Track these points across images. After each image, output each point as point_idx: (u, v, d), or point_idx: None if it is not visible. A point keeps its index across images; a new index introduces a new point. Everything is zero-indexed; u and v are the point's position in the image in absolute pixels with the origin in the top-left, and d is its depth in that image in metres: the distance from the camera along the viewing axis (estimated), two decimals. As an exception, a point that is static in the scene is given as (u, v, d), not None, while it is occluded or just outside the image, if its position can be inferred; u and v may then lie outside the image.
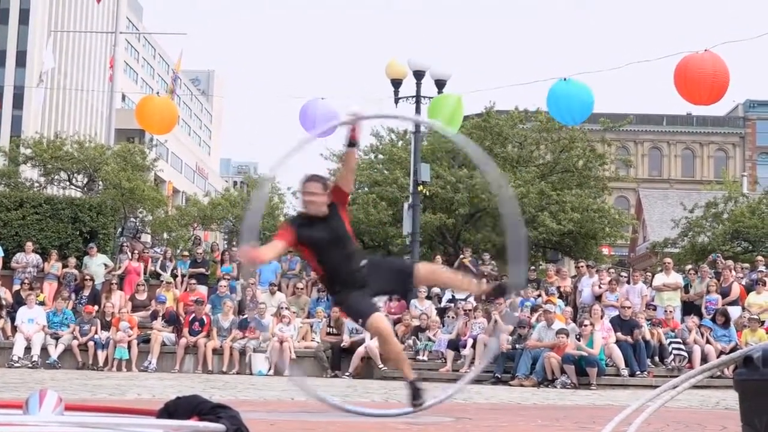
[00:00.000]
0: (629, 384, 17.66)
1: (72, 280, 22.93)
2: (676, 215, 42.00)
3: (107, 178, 32.62)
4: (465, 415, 8.90)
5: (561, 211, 30.34)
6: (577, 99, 16.68)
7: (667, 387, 4.26)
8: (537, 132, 33.50)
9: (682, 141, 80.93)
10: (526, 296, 21.62)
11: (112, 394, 11.74)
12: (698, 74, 15.13)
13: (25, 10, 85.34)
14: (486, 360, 16.80)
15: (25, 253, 23.55)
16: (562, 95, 16.73)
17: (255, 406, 9.50)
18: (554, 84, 16.95)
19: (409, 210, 23.54)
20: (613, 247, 44.07)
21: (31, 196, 27.11)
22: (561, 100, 16.79)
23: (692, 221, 38.53)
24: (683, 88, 15.40)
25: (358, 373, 19.56)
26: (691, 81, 15.28)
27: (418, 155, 23.75)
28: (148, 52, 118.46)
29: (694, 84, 15.28)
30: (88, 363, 20.44)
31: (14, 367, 19.75)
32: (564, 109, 17.00)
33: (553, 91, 16.87)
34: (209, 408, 3.56)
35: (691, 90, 15.40)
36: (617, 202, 62.66)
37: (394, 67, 23.09)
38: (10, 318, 21.42)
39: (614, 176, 39.78)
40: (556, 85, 16.87)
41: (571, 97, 16.65)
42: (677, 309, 20.74)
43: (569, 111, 17.01)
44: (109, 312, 21.13)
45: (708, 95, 15.32)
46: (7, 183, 34.70)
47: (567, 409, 11.15)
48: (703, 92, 15.25)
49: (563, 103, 16.83)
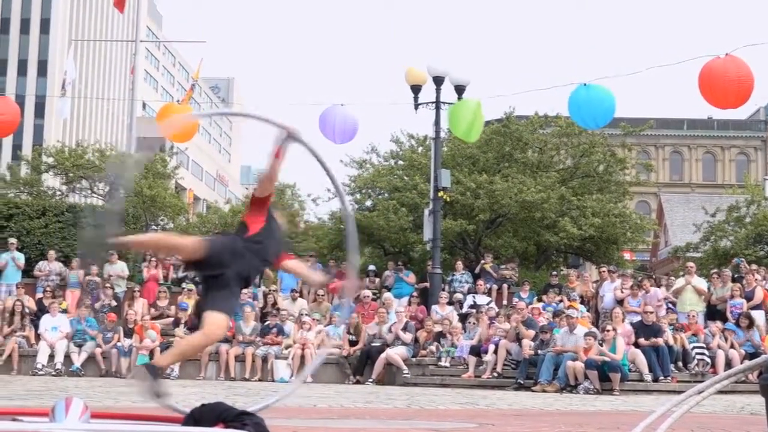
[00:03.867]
0: (652, 389, 17.58)
1: (94, 288, 23.03)
2: (697, 219, 41.80)
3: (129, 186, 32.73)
4: (488, 420, 8.88)
5: (582, 216, 30.21)
6: (599, 103, 16.65)
7: (693, 392, 4.25)
8: (557, 137, 33.38)
9: (703, 145, 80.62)
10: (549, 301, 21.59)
11: (136, 402, 11.77)
12: (723, 79, 15.15)
13: (46, 20, 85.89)
14: (312, 368, 16.39)
15: (48, 261, 23.68)
16: (583, 100, 16.70)
17: (278, 413, 9.50)
18: (575, 89, 16.91)
19: (430, 216, 23.51)
20: (635, 252, 43.76)
21: (53, 205, 27.26)
22: (582, 104, 16.76)
23: (714, 225, 38.32)
24: (708, 93, 15.41)
25: (381, 380, 19.54)
26: (716, 85, 15.28)
27: (439, 161, 23.73)
28: (168, 61, 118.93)
29: (719, 88, 15.29)
30: (111, 370, 20.50)
31: (38, 374, 19.84)
32: (586, 113, 16.97)
33: (574, 95, 16.84)
34: (234, 415, 3.58)
35: (717, 94, 15.41)
36: (638, 207, 62.44)
37: (413, 74, 23.09)
38: (34, 326, 21.53)
39: (635, 181, 39.51)
40: (578, 89, 16.84)
41: (592, 101, 16.62)
42: (700, 314, 20.64)
43: (591, 115, 16.97)
44: (131, 319, 21.20)
45: (734, 99, 15.35)
46: (29, 191, 34.88)
47: (590, 415, 11.12)
48: (729, 96, 15.27)
49: (585, 108, 16.80)
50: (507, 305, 22.17)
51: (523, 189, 29.02)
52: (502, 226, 31.43)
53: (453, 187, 27.04)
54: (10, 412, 4.01)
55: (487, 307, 21.34)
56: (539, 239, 31.37)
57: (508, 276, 24.25)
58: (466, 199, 29.35)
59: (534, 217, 29.82)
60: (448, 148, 32.14)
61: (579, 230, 29.78)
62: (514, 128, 32.51)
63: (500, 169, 31.90)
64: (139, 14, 59.33)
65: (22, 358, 20.82)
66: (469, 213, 29.94)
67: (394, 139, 35.11)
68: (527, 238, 32.00)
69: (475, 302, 22.24)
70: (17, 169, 41.17)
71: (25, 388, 14.69)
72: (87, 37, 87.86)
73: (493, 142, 32.40)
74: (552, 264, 33.87)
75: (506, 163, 32.44)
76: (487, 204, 29.23)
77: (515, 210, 29.44)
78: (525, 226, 31.09)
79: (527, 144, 33.03)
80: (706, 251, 38.34)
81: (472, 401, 13.49)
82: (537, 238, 31.43)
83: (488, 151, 32.30)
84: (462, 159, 32.13)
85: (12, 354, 20.73)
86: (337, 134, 19.45)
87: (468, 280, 23.57)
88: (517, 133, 32.44)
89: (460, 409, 11.73)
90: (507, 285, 23.86)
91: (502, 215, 30.35)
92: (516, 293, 23.05)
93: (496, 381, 18.59)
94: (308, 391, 12.82)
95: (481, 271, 24.13)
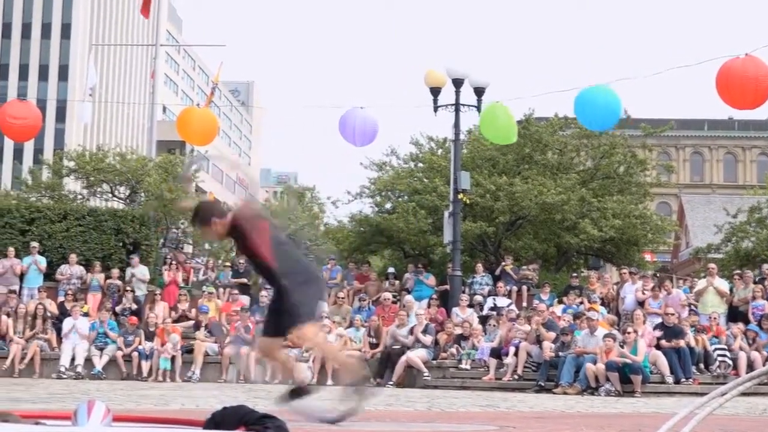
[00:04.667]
0: (674, 391, 17.51)
1: (115, 291, 23.14)
2: (719, 220, 41.56)
3: (149, 190, 32.83)
4: (509, 423, 8.86)
5: (602, 218, 30.12)
6: (604, 105, 16.57)
7: (716, 394, 4.22)
8: (577, 138, 33.29)
9: (724, 145, 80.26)
10: (568, 303, 21.55)
11: (157, 405, 11.81)
12: (741, 79, 14.97)
13: (66, 25, 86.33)
14: None
15: (69, 264, 23.80)
16: (588, 102, 16.65)
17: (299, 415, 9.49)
18: (579, 92, 16.87)
19: (450, 218, 23.49)
20: (656, 253, 43.64)
21: (74, 209, 27.36)
22: (588, 106, 16.70)
23: (736, 226, 38.12)
24: (726, 93, 15.24)
25: (401, 382, 19.54)
26: (733, 86, 15.12)
27: (458, 163, 23.70)
28: (188, 64, 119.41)
29: (736, 89, 15.12)
30: (132, 373, 20.58)
31: (61, 378, 19.94)
32: (591, 115, 16.92)
33: (580, 97, 16.79)
34: (256, 418, 3.58)
35: (734, 95, 15.25)
36: (659, 208, 62.20)
37: (432, 76, 23.07)
38: (56, 329, 21.64)
39: (656, 182, 39.37)
40: (582, 92, 16.80)
41: (597, 103, 16.55)
42: (722, 315, 20.55)
43: (596, 117, 16.93)
44: (152, 323, 21.27)
45: (752, 99, 15.17)
46: (51, 195, 35.02)
47: (612, 417, 11.08)
48: (747, 97, 15.09)
49: (590, 110, 16.74)
50: (527, 307, 22.13)
51: (543, 191, 28.97)
52: (522, 228, 31.39)
53: (473, 189, 27.02)
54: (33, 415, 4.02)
55: (508, 309, 21.31)
56: (559, 241, 31.31)
57: (528, 278, 24.20)
58: (486, 201, 29.32)
59: (554, 219, 29.76)
60: (467, 150, 32.12)
61: (599, 232, 29.70)
62: (534, 130, 32.45)
63: (520, 170, 31.85)
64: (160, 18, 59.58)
65: (44, 362, 20.94)
66: (489, 215, 29.91)
67: (413, 142, 35.14)
68: (547, 239, 31.94)
69: (496, 304, 22.22)
70: (39, 173, 41.37)
71: (48, 392, 14.77)
72: (107, 41, 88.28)
73: (512, 144, 32.31)
74: (572, 266, 33.78)
75: (526, 165, 32.39)
76: (507, 206, 29.20)
77: (535, 212, 29.39)
78: (545, 227, 31.04)
79: (547, 146, 32.95)
80: (728, 252, 38.13)
81: (493, 404, 13.46)
82: (557, 239, 31.37)
83: (508, 153, 32.25)
84: (482, 161, 32.10)
85: (34, 357, 20.86)
86: (357, 137, 19.48)
87: (488, 282, 23.54)
88: (537, 135, 32.38)
89: (481, 411, 11.71)
90: (527, 287, 23.82)
91: (522, 217, 30.31)
92: (536, 295, 23.00)
93: (516, 383, 18.56)
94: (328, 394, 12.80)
95: (501, 273, 24.10)
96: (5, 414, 3.68)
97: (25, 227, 25.43)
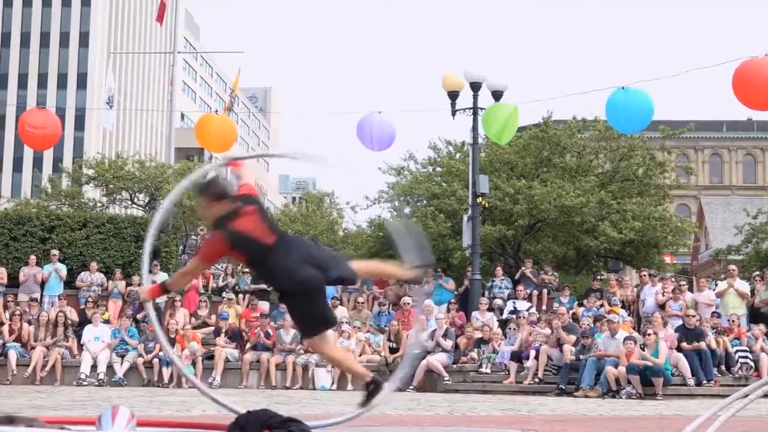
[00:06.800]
0: (696, 394, 17.43)
1: (136, 298, 23.21)
2: (738, 222, 41.47)
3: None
4: (531, 426, 8.85)
5: (622, 220, 30.05)
6: (637, 107, 16.52)
7: (738, 396, 4.21)
8: (596, 141, 33.22)
9: (743, 147, 79.94)
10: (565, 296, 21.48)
11: (179, 411, 11.84)
12: (757, 79, 14.88)
13: (85, 33, 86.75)
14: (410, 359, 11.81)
15: (90, 272, 23.92)
16: (621, 104, 16.59)
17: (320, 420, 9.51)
18: (613, 93, 16.81)
19: (469, 222, 23.48)
20: (676, 255, 43.50)
21: (94, 216, 27.49)
22: (620, 109, 16.65)
23: (756, 227, 37.99)
24: (742, 93, 15.13)
25: (422, 387, 19.52)
26: (750, 86, 15.02)
27: (477, 167, 23.69)
28: (206, 71, 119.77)
29: (753, 89, 15.02)
30: (153, 380, 20.64)
31: (82, 385, 20.01)
32: (623, 117, 16.86)
33: (611, 100, 16.73)
34: (280, 422, 3.59)
35: (750, 95, 15.14)
36: (678, 210, 62.03)
37: (450, 80, 23.07)
38: (77, 336, 21.73)
39: (675, 184, 39.28)
40: (615, 94, 16.74)
41: (630, 105, 16.49)
42: (743, 317, 20.46)
43: (629, 120, 16.86)
44: (172, 329, 21.32)
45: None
46: (70, 203, 35.20)
47: (634, 420, 11.05)
48: (764, 97, 15.00)
49: (622, 112, 16.68)
50: (547, 310, 22.08)
51: (562, 194, 28.93)
52: (542, 231, 31.35)
53: (491, 193, 27.01)
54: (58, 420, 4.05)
55: (528, 313, 21.27)
56: (579, 244, 31.25)
57: (548, 281, 24.15)
58: (504, 204, 29.29)
59: (573, 222, 29.71)
60: (485, 154, 32.09)
61: (619, 234, 29.63)
62: (552, 133, 32.40)
63: (539, 174, 31.81)
64: (177, 26, 59.80)
65: (65, 369, 21.01)
66: (508, 218, 29.88)
67: (431, 146, 35.13)
68: (567, 242, 31.88)
69: (516, 308, 22.16)
70: (58, 182, 41.61)
71: (70, 399, 14.82)
72: (125, 49, 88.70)
73: (531, 147, 32.29)
74: (592, 268, 33.70)
75: (545, 168, 32.34)
76: (525, 209, 29.17)
77: (554, 215, 29.34)
78: (564, 230, 30.98)
79: (565, 148, 32.89)
80: (748, 254, 38.02)
81: (514, 407, 13.45)
82: (577, 242, 31.31)
83: (526, 156, 32.21)
84: (500, 164, 32.06)
85: (55, 365, 20.93)
86: (375, 142, 19.49)
87: (508, 286, 23.50)
88: (556, 138, 32.32)
89: (502, 415, 11.70)
90: (547, 290, 23.77)
91: (541, 220, 30.27)
92: (556, 298, 22.96)
93: (537, 387, 18.52)
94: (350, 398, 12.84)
95: (520, 276, 24.06)
96: (30, 419, 3.71)
97: (46, 235, 25.58)
